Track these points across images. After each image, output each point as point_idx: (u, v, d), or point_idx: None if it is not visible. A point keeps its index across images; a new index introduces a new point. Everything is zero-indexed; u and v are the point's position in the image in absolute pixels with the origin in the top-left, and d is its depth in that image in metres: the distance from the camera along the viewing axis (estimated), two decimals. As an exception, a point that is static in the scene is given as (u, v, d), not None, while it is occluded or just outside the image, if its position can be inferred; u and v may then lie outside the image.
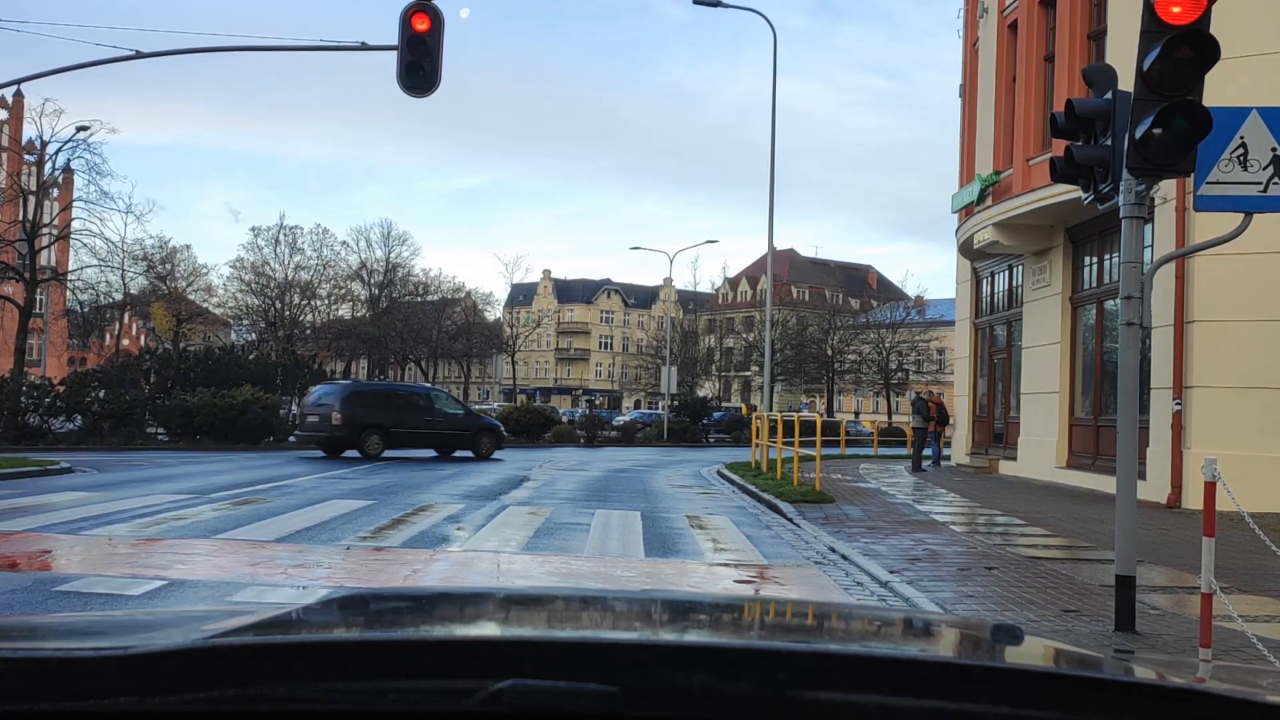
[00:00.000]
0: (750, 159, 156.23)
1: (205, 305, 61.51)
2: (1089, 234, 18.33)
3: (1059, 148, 7.53)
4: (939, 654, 1.55)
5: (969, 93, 23.76)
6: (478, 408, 38.95)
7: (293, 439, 27.22)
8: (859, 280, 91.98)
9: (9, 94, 45.54)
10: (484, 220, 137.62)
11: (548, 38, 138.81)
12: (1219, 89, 7.93)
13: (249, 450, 25.91)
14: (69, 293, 47.29)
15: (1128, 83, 6.50)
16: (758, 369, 63.11)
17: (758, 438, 21.35)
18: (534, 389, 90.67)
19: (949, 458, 25.09)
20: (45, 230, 39.09)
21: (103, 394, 27.89)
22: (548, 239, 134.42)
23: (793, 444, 17.05)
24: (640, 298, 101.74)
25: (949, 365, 47.90)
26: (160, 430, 28.52)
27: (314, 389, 27.04)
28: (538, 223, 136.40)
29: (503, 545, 9.90)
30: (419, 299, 71.35)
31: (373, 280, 69.79)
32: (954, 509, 14.43)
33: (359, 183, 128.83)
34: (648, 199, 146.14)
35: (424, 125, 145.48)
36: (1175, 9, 6.14)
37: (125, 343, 57.33)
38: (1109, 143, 6.78)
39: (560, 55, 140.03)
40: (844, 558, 9.54)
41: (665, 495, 16.13)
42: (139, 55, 14.75)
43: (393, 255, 70.90)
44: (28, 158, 41.89)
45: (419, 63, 12.81)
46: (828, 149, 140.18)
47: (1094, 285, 18.47)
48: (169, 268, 56.89)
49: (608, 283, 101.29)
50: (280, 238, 63.11)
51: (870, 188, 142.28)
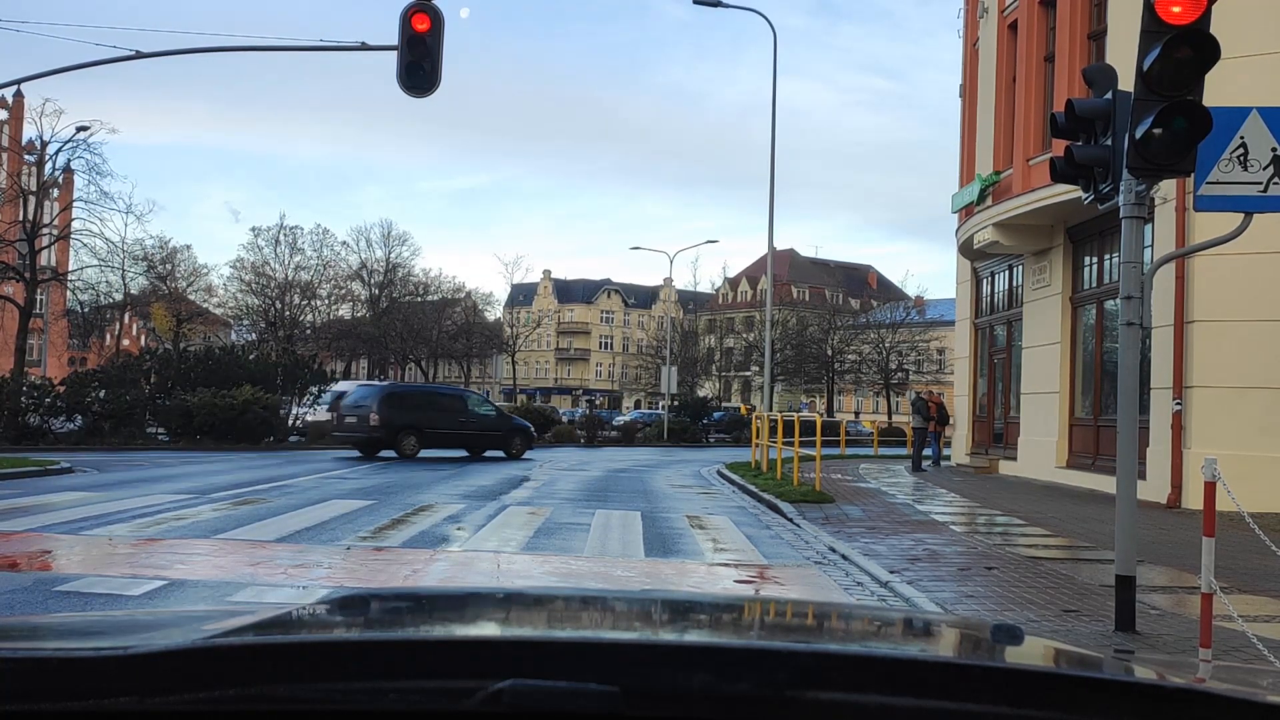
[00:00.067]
0: (750, 159, 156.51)
1: (205, 305, 61.54)
2: (1089, 234, 18.33)
3: (1059, 148, 7.53)
4: (939, 654, 1.55)
5: (969, 93, 23.76)
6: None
7: (297, 435, 27.24)
8: (859, 280, 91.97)
9: (9, 94, 45.56)
10: (484, 220, 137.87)
11: (548, 38, 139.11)
12: (1219, 89, 7.93)
13: (249, 450, 25.92)
14: (69, 293, 47.36)
15: (1128, 83, 6.51)
16: (758, 369, 63.12)
17: (758, 438, 21.35)
18: (534, 389, 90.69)
19: (949, 458, 25.09)
20: (45, 230, 39.09)
21: (103, 394, 27.88)
22: (548, 239, 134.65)
23: (793, 444, 17.05)
24: (640, 298, 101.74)
25: (949, 365, 47.90)
26: (160, 430, 28.52)
27: (351, 391, 27.48)
28: (538, 223, 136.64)
29: (503, 545, 9.90)
30: (419, 299, 71.34)
31: (373, 280, 69.81)
32: (954, 509, 14.43)
33: (359, 183, 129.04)
34: (648, 199, 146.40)
35: (424, 125, 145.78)
36: (1175, 9, 6.14)
37: (125, 343, 57.34)
38: (1109, 143, 6.78)
39: (560, 55, 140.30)
40: (844, 558, 9.54)
41: (665, 495, 16.13)
42: (139, 55, 14.76)
43: (393, 255, 71.01)
44: (28, 158, 41.89)
45: (419, 63, 12.82)
46: (828, 149, 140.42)
47: (1094, 285, 18.47)
48: (169, 268, 56.95)
49: (608, 283, 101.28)
50: (280, 238, 63.27)
51: (870, 188, 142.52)
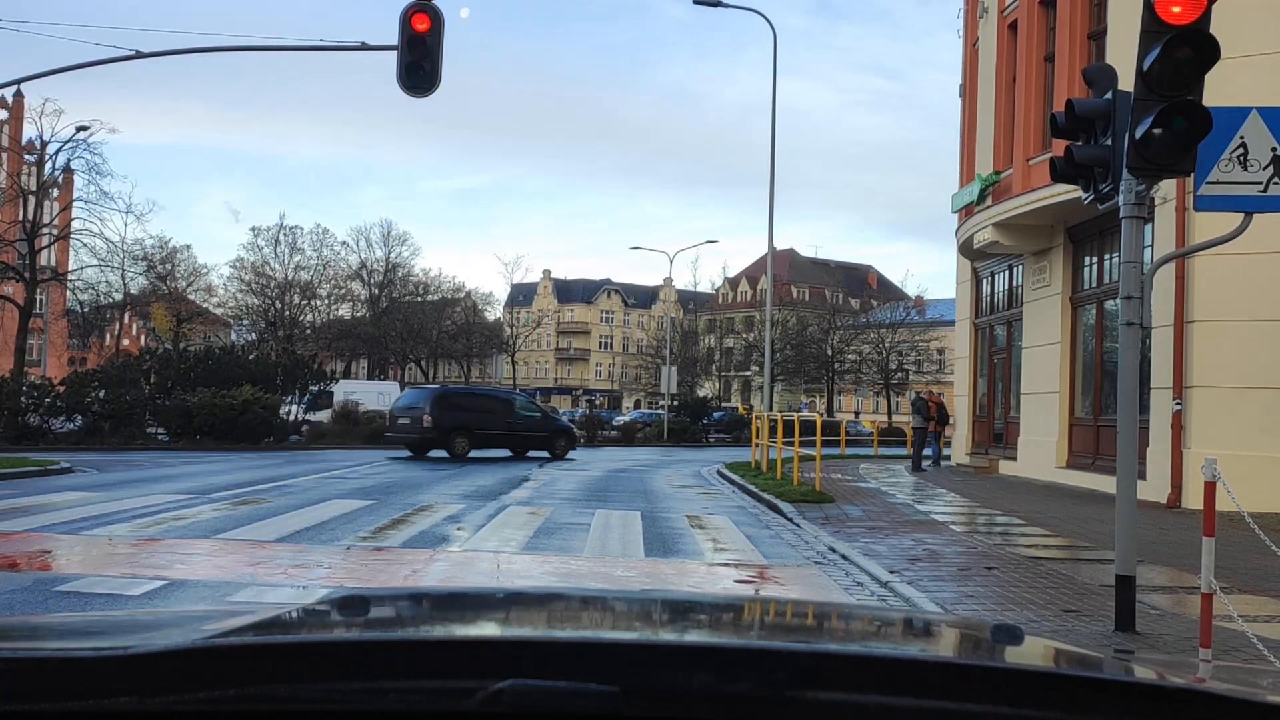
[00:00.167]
0: (750, 159, 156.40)
1: (205, 305, 61.53)
2: (1089, 234, 18.33)
3: (1059, 148, 7.53)
4: (939, 654, 1.55)
5: (969, 93, 23.76)
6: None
7: (297, 435, 27.19)
8: (859, 280, 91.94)
9: (9, 94, 45.54)
10: (484, 220, 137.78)
11: (548, 38, 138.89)
12: (1219, 89, 7.93)
13: (249, 450, 25.92)
14: (69, 293, 47.35)
15: (1128, 83, 6.51)
16: (758, 369, 63.10)
17: (757, 438, 21.35)
18: (534, 389, 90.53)
19: (949, 458, 25.08)
20: (45, 230, 39.09)
21: (103, 394, 27.90)
22: (548, 239, 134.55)
23: (793, 444, 17.05)
24: (640, 298, 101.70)
25: (949, 365, 47.89)
26: (160, 430, 28.53)
27: (403, 393, 29.04)
28: (538, 223, 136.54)
29: (503, 545, 9.90)
30: (419, 299, 71.31)
31: (373, 280, 69.78)
32: (954, 509, 14.42)
33: (359, 183, 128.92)
34: (648, 199, 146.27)
35: (424, 125, 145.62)
36: (1175, 9, 6.14)
37: (125, 343, 57.32)
38: (1109, 143, 6.78)
39: (560, 55, 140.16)
40: (844, 558, 9.54)
41: (665, 495, 16.13)
42: (139, 55, 14.76)
43: (393, 255, 70.96)
44: (28, 158, 41.88)
45: (419, 63, 12.81)
46: (828, 149, 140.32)
47: (1094, 285, 18.47)
48: (169, 268, 56.94)
49: (608, 283, 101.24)
50: (280, 238, 63.24)
51: (870, 188, 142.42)
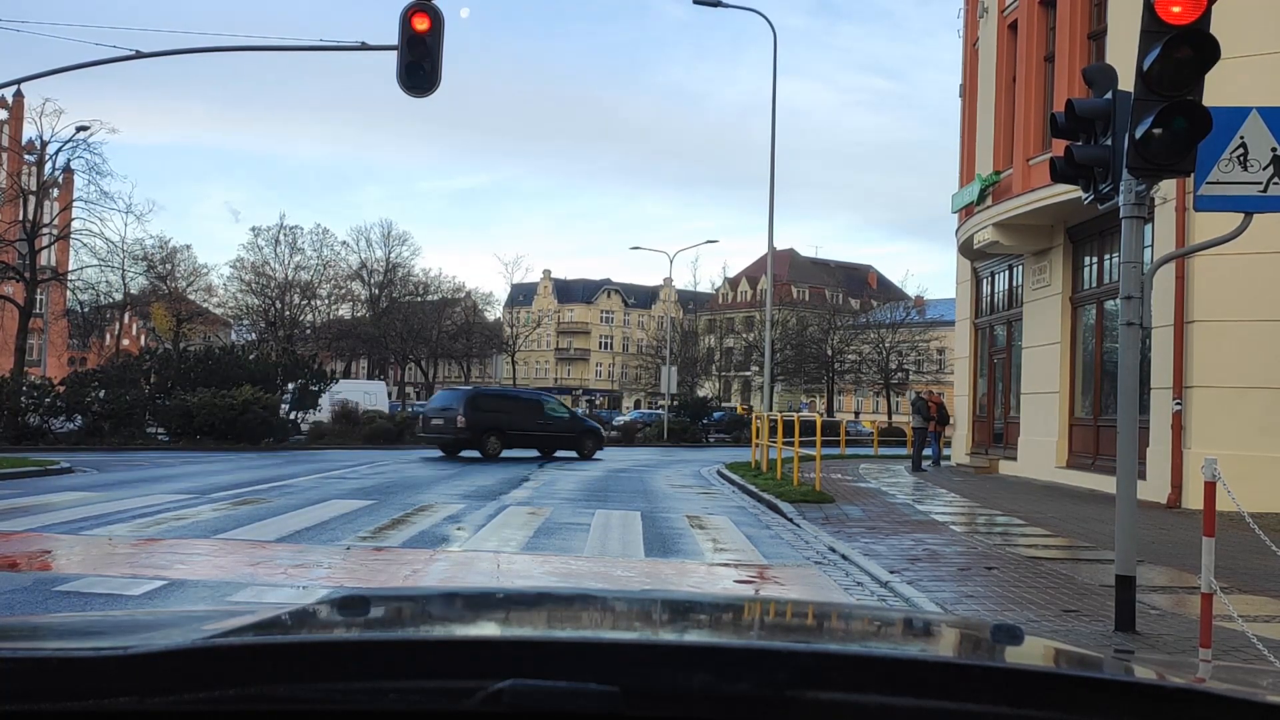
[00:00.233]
0: (750, 159, 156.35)
1: (205, 305, 61.56)
2: (1089, 234, 18.33)
3: (1059, 148, 7.53)
4: (939, 654, 1.55)
5: (969, 93, 23.76)
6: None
7: (297, 435, 27.27)
8: (859, 280, 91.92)
9: (9, 94, 45.53)
10: (484, 220, 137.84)
11: (548, 38, 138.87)
12: (1219, 89, 7.93)
13: (249, 450, 25.93)
14: (69, 293, 47.38)
15: (1128, 83, 6.50)
16: (758, 369, 63.11)
17: (757, 438, 21.35)
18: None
19: (949, 458, 25.08)
20: (45, 230, 39.10)
21: (103, 394, 27.90)
22: (548, 239, 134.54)
23: (793, 444, 17.05)
24: (640, 298, 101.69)
25: (949, 365, 47.89)
26: (160, 430, 28.53)
27: (435, 395, 29.79)
28: (538, 223, 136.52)
29: (503, 545, 9.90)
30: (419, 299, 71.33)
31: (373, 280, 69.82)
32: (954, 509, 14.42)
33: (359, 183, 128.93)
34: (648, 199, 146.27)
35: (424, 125, 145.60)
36: (1175, 9, 6.14)
37: (125, 343, 57.33)
38: (1109, 143, 6.78)
39: (560, 55, 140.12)
40: (844, 558, 9.54)
41: (665, 495, 16.13)
42: (139, 55, 14.76)
43: (393, 255, 71.01)
44: (28, 158, 41.89)
45: (419, 63, 12.81)
46: (828, 149, 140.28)
47: (1094, 285, 18.47)
48: (169, 268, 56.97)
49: (608, 283, 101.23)
50: (280, 238, 63.34)
51: (870, 188, 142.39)
